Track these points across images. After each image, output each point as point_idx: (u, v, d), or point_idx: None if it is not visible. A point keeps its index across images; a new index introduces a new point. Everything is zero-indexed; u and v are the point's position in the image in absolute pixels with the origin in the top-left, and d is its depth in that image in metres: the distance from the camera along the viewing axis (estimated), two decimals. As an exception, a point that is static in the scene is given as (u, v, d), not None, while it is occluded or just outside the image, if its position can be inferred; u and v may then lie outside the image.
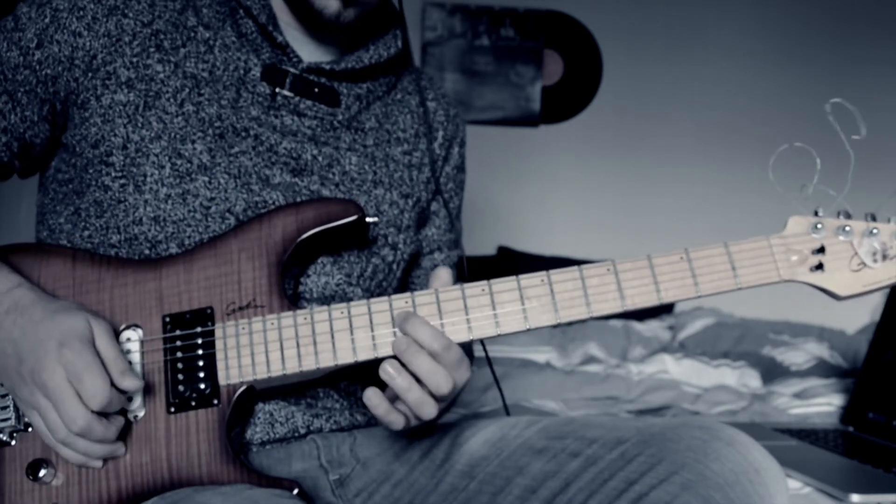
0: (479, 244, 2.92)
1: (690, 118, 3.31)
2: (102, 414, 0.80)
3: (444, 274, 0.84)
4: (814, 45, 3.32)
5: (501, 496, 0.87)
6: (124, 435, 0.83)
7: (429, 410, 0.80)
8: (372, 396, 0.80)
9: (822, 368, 2.12)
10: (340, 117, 1.00)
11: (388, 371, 0.79)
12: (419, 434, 0.98)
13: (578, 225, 3.24)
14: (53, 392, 0.78)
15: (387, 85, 1.07)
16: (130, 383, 0.81)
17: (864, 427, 1.66)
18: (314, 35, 1.00)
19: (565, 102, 3.30)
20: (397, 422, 0.82)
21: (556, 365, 2.08)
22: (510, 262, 3.08)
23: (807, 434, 1.56)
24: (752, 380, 2.03)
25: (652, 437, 0.81)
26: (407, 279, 1.11)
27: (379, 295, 1.02)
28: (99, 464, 0.82)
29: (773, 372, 2.14)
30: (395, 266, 1.03)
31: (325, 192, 0.97)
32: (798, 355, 2.20)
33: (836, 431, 1.63)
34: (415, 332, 0.80)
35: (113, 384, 0.79)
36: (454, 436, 0.96)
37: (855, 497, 1.18)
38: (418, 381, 0.80)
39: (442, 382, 0.79)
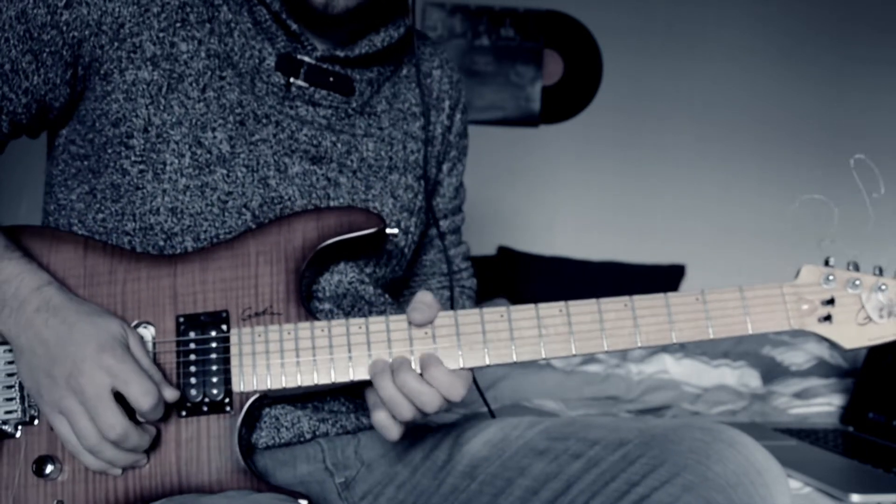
0: (479, 244, 2.92)
1: (690, 118, 3.31)
2: (135, 422, 0.79)
3: (428, 298, 0.84)
4: (814, 44, 3.32)
5: (503, 497, 0.87)
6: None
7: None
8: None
9: (822, 368, 2.12)
10: (354, 104, 0.99)
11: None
12: (420, 434, 0.98)
13: (578, 225, 3.24)
14: (91, 398, 0.76)
15: (394, 64, 1.06)
16: (170, 393, 0.80)
17: (864, 427, 1.66)
18: (311, 28, 0.97)
19: (565, 102, 3.30)
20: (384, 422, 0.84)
21: (557, 365, 2.08)
22: (510, 263, 3.08)
23: (807, 434, 1.57)
24: (752, 380, 2.04)
25: (654, 438, 0.82)
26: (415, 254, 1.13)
27: (392, 284, 1.03)
28: (118, 472, 0.81)
29: (773, 372, 2.14)
30: (406, 250, 1.04)
31: (343, 180, 0.96)
32: (798, 355, 2.20)
33: (836, 431, 1.64)
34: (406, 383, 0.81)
35: None
36: (455, 436, 0.96)
37: (855, 497, 1.18)
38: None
39: (427, 401, 0.81)
